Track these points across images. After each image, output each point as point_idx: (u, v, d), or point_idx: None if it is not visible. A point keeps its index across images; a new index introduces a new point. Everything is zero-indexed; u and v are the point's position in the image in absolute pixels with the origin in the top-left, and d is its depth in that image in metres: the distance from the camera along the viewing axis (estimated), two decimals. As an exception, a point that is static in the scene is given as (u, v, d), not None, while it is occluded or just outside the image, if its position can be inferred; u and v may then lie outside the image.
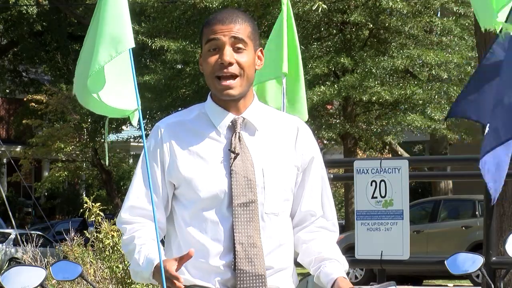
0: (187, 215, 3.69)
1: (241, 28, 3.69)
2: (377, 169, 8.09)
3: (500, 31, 5.57)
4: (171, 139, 3.71)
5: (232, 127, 3.70)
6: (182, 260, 3.50)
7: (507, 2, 5.17)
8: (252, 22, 3.76)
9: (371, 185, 8.09)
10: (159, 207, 3.73)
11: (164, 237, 3.80)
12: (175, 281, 3.46)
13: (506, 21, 5.22)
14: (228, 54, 3.65)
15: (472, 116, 5.48)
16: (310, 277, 3.38)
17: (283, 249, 3.72)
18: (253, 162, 3.68)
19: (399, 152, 26.88)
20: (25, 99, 39.87)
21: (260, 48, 3.77)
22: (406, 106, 23.51)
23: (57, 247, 12.07)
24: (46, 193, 42.84)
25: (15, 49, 41.31)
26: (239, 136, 3.69)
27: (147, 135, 4.08)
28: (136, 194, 3.75)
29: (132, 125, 5.23)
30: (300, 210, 3.77)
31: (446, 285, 21.33)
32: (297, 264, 3.79)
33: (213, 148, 3.68)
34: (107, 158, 6.04)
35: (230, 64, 3.64)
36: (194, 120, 3.74)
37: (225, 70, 3.64)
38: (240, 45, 3.67)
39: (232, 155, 3.66)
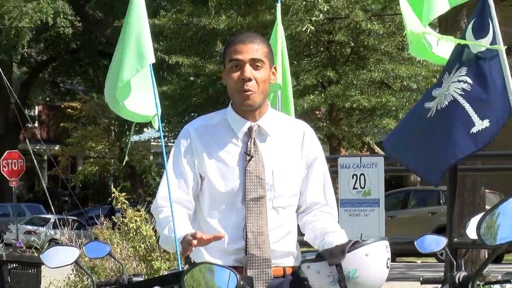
0: (208, 206, 3.71)
1: (259, 48, 3.68)
2: (357, 164, 8.10)
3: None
4: (199, 140, 3.71)
5: (249, 133, 3.69)
6: (213, 237, 3.45)
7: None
8: (267, 43, 3.74)
9: (353, 178, 8.10)
10: (188, 193, 3.70)
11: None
12: (194, 239, 3.40)
13: (463, 37, 5.16)
14: (248, 71, 3.63)
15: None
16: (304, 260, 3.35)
17: (289, 236, 3.72)
18: (264, 163, 3.68)
19: (376, 150, 26.85)
20: (62, 106, 39.98)
21: (274, 66, 3.77)
22: (381, 111, 23.53)
23: (89, 230, 12.06)
24: (80, 185, 42.87)
25: (54, 64, 41.39)
26: (254, 141, 3.69)
27: (164, 136, 4.08)
28: (167, 186, 3.74)
29: (152, 128, 5.22)
30: (306, 201, 3.76)
31: (416, 262, 21.32)
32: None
33: (232, 151, 3.69)
34: (126, 156, 6.03)
35: (250, 79, 3.63)
36: (217, 125, 3.73)
37: (245, 85, 3.64)
38: (258, 64, 3.66)
39: (248, 157, 3.66)
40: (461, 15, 11.65)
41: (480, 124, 5.04)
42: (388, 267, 3.26)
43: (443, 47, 5.21)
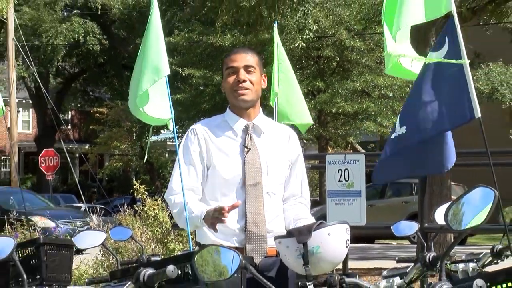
0: (211, 191, 3.74)
1: (251, 57, 3.76)
2: (342, 161, 8.08)
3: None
4: (204, 136, 3.75)
5: (246, 130, 3.74)
6: (231, 207, 3.48)
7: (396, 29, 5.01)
8: (258, 54, 3.84)
9: (338, 172, 8.08)
10: (198, 181, 3.74)
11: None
12: (222, 211, 3.44)
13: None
14: (243, 74, 3.71)
15: (393, 178, 5.31)
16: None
17: (279, 218, 3.77)
18: (260, 155, 3.72)
19: (358, 149, 26.84)
20: (91, 111, 39.92)
21: (264, 74, 3.83)
22: (363, 116, 23.52)
23: (114, 216, 12.04)
24: (106, 178, 42.77)
25: (84, 76, 41.38)
26: (250, 136, 3.73)
27: (178, 137, 4.10)
28: (178, 176, 3.78)
29: (168, 129, 5.24)
30: (286, 192, 3.82)
31: (392, 244, 21.32)
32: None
33: (232, 144, 3.73)
34: (146, 154, 6.03)
35: (244, 81, 3.70)
36: (218, 125, 3.79)
37: (240, 85, 3.70)
38: (250, 69, 3.73)
39: (246, 150, 3.71)
40: (431, 33, 11.61)
41: (398, 130, 4.96)
42: (347, 247, 3.30)
43: (418, 65, 5.12)
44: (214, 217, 3.47)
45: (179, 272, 2.92)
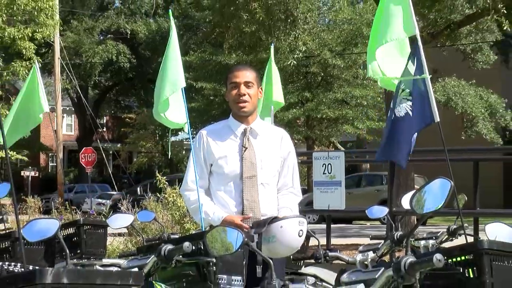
0: (216, 183, 3.73)
1: (250, 74, 3.73)
2: (326, 157, 8.07)
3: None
4: (208, 139, 3.74)
5: (244, 133, 3.73)
6: (244, 218, 3.55)
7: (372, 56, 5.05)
8: (256, 71, 3.81)
9: (323, 166, 8.07)
10: (205, 178, 3.74)
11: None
12: (243, 226, 3.49)
13: (402, 76, 5.09)
14: (243, 89, 3.69)
15: (391, 158, 5.35)
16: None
17: (272, 204, 3.75)
18: (255, 153, 3.70)
19: (338, 147, 26.82)
20: (122, 116, 39.89)
21: (261, 87, 3.83)
22: (342, 120, 23.51)
23: (140, 202, 12.00)
24: (134, 171, 42.71)
25: (117, 88, 41.39)
26: (248, 138, 3.72)
27: (192, 138, 4.10)
28: (192, 173, 3.77)
29: (184, 131, 5.28)
30: (279, 183, 3.80)
31: (366, 224, 21.31)
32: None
33: (233, 145, 3.72)
34: (169, 152, 6.03)
35: (244, 95, 3.68)
36: (222, 128, 3.78)
37: (241, 98, 3.68)
38: (249, 84, 3.70)
39: (243, 149, 3.69)
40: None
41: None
42: (300, 236, 3.27)
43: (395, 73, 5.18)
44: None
45: (194, 247, 2.92)
